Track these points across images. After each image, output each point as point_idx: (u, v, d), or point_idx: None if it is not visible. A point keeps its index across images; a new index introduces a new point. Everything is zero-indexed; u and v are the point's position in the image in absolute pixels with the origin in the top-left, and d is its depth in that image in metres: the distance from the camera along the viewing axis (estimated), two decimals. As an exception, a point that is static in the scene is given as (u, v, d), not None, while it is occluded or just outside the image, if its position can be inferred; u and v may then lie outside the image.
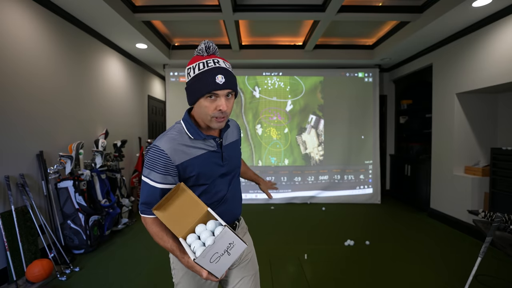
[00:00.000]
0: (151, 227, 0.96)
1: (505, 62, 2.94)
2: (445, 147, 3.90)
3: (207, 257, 0.81)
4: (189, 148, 0.98)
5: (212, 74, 0.92)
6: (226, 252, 0.84)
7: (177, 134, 0.99)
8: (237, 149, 1.18)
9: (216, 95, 0.93)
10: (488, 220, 2.13)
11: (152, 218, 0.96)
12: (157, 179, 0.94)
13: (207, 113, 0.95)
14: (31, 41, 2.64)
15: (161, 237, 0.94)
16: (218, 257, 0.83)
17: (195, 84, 0.94)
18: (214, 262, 0.82)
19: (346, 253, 2.93)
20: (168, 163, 0.94)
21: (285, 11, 3.43)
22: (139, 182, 4.54)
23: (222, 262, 0.84)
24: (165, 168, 0.93)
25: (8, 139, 2.40)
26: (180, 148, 0.96)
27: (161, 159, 0.93)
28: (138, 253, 2.93)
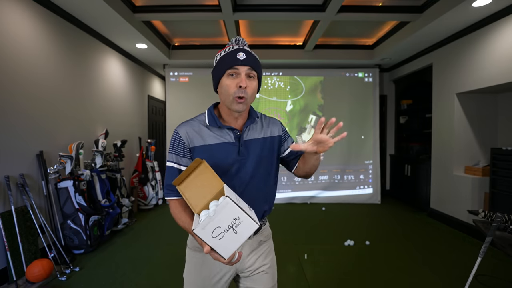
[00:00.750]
0: (172, 209, 0.98)
1: (505, 62, 2.94)
2: (445, 147, 3.90)
3: (207, 229, 0.76)
4: (205, 135, 1.00)
5: (234, 52, 0.96)
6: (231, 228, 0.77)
7: (197, 121, 1.03)
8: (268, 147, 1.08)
9: (237, 72, 0.95)
10: (488, 220, 2.13)
11: (174, 200, 0.98)
12: (175, 160, 0.99)
13: (229, 92, 0.95)
14: (31, 41, 2.64)
15: (179, 218, 0.95)
16: (221, 233, 0.77)
17: (218, 65, 0.98)
18: (217, 238, 0.77)
19: (346, 253, 2.93)
20: (183, 145, 0.99)
21: (285, 11, 3.43)
22: (139, 182, 4.54)
23: (228, 240, 0.77)
24: (180, 150, 0.99)
25: (8, 139, 2.40)
26: (195, 133, 1.00)
27: (177, 142, 0.99)
28: (138, 253, 2.93)
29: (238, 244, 0.79)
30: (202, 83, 5.08)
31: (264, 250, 1.10)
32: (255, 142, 1.05)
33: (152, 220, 4.12)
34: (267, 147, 1.08)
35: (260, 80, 1.04)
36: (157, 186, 4.71)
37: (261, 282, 1.06)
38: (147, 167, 4.64)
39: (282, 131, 1.14)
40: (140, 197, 4.55)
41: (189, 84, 5.12)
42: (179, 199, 0.97)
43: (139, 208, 4.57)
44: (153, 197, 4.61)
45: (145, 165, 4.64)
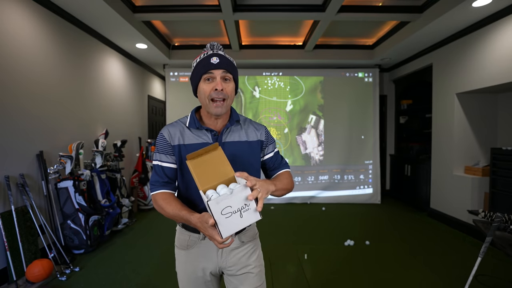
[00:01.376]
0: (158, 201, 1.01)
1: (505, 61, 2.94)
2: (445, 147, 3.90)
3: (220, 205, 0.80)
4: (185, 135, 1.06)
5: (208, 57, 1.00)
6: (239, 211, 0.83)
7: (180, 122, 1.09)
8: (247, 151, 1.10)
9: (213, 77, 0.99)
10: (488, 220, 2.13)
11: (159, 192, 1.03)
12: (159, 158, 1.05)
13: (205, 96, 1.00)
14: (30, 41, 2.64)
15: (166, 207, 0.97)
16: (230, 213, 0.82)
17: (194, 71, 1.04)
18: (224, 216, 0.81)
19: (346, 253, 2.93)
20: (165, 144, 1.05)
21: (285, 11, 3.43)
22: (139, 182, 4.54)
23: (232, 221, 0.82)
24: (163, 148, 1.05)
25: (8, 139, 2.40)
26: (176, 133, 1.05)
27: (160, 141, 1.06)
28: (138, 253, 2.93)
29: (238, 227, 0.83)
30: (202, 83, 5.06)
31: (248, 250, 1.11)
32: (234, 145, 1.08)
33: (152, 220, 4.12)
34: (247, 151, 1.10)
35: (237, 82, 1.09)
36: (157, 186, 4.70)
37: (247, 282, 1.09)
38: (147, 167, 4.64)
39: (264, 136, 1.16)
40: (140, 197, 4.55)
41: (189, 84, 5.12)
42: (164, 192, 1.03)
43: (139, 208, 4.57)
44: (153, 197, 4.61)
45: (145, 165, 4.64)
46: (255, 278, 1.10)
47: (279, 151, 1.25)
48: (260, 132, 1.15)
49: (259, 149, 1.15)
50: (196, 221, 0.87)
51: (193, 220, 0.89)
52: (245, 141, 1.10)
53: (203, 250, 1.08)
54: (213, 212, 0.80)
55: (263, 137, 1.15)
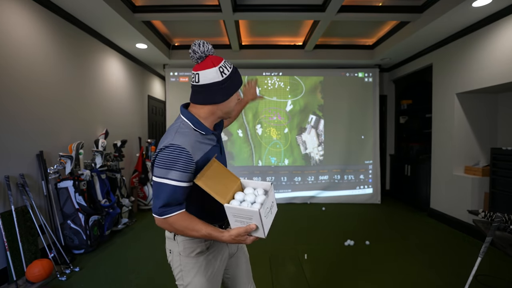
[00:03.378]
0: (180, 223, 0.94)
1: (505, 62, 2.94)
2: (445, 147, 3.90)
3: (264, 208, 0.91)
4: (201, 144, 1.02)
5: (239, 72, 1.10)
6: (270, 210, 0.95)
7: (188, 130, 1.01)
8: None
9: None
10: (488, 220, 2.13)
11: (179, 214, 0.95)
12: (179, 177, 0.93)
13: (232, 105, 1.08)
14: (30, 41, 2.64)
15: (193, 228, 0.94)
16: (267, 213, 0.93)
17: (231, 82, 1.04)
18: (265, 217, 0.92)
19: (346, 253, 2.93)
20: (189, 159, 0.94)
21: (285, 11, 3.43)
22: (139, 182, 4.54)
23: (267, 219, 0.94)
24: (186, 166, 0.94)
25: (8, 139, 2.40)
26: (196, 145, 0.99)
27: (181, 156, 0.93)
28: (138, 253, 2.93)
29: (270, 223, 0.96)
30: (202, 83, 5.07)
31: None
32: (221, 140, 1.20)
33: (152, 220, 4.12)
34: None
35: None
36: (157, 186, 4.70)
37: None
38: (147, 167, 4.64)
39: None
40: (140, 197, 4.55)
41: (189, 84, 5.12)
42: (184, 212, 0.96)
43: (139, 208, 4.57)
44: (153, 197, 4.61)
45: (145, 165, 4.64)
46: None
47: None
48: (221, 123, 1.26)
49: None
50: (230, 239, 0.92)
51: (225, 238, 0.92)
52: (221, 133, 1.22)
53: (218, 246, 1.13)
54: (262, 217, 0.89)
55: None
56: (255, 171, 5.12)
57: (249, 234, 0.93)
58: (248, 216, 0.89)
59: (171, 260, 1.11)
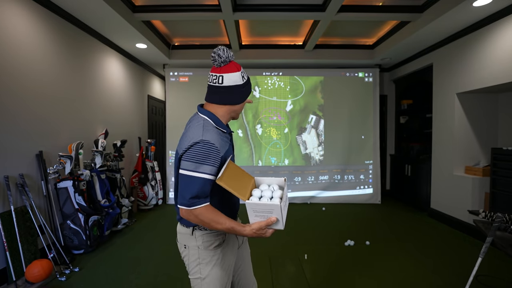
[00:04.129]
0: (207, 215, 1.00)
1: (506, 61, 2.94)
2: (446, 147, 3.90)
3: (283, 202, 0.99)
4: (223, 141, 1.10)
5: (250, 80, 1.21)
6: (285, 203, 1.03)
7: (212, 128, 1.08)
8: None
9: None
10: (488, 220, 2.12)
11: (205, 206, 1.01)
12: (209, 171, 1.00)
13: (242, 108, 1.20)
14: (30, 41, 2.63)
15: (218, 220, 1.00)
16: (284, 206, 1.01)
17: (248, 86, 1.17)
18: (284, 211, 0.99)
19: (346, 253, 2.93)
20: (218, 155, 1.03)
21: (285, 11, 3.43)
22: (139, 182, 4.54)
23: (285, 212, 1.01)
24: (216, 160, 1.02)
25: (8, 139, 2.40)
26: (220, 141, 1.07)
27: (212, 151, 1.01)
28: (137, 254, 2.93)
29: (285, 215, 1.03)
30: (202, 83, 5.07)
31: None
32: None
33: (152, 220, 4.11)
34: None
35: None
36: (157, 186, 4.70)
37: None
38: (147, 167, 4.64)
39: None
40: (140, 197, 4.55)
41: (189, 84, 5.12)
42: (208, 204, 1.02)
43: (139, 208, 4.56)
44: (153, 197, 4.61)
45: (145, 165, 4.63)
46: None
47: None
48: None
49: None
50: (251, 233, 1.01)
51: (247, 232, 1.01)
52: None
53: (232, 238, 1.21)
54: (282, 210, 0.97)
55: None
56: (255, 171, 5.12)
57: (269, 228, 1.03)
58: (269, 210, 0.97)
59: (186, 254, 1.16)
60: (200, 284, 1.13)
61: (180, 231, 1.17)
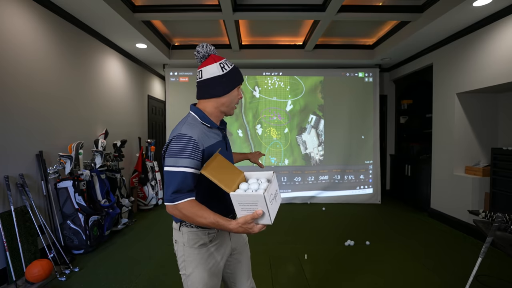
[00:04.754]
0: (189, 209, 0.99)
1: (506, 62, 2.94)
2: (446, 147, 3.90)
3: (268, 193, 0.93)
4: (207, 136, 1.10)
5: (238, 69, 1.18)
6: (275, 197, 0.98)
7: (195, 122, 1.10)
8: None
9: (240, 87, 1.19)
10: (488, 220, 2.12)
11: (189, 200, 1.00)
12: (188, 164, 1.00)
13: (234, 101, 1.17)
14: (30, 41, 2.63)
15: (201, 215, 0.98)
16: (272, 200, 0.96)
17: (231, 76, 1.14)
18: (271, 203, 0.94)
19: (346, 253, 2.93)
20: (196, 147, 1.03)
21: (285, 11, 3.43)
22: (139, 182, 4.54)
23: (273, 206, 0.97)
24: (193, 153, 1.02)
25: (8, 139, 2.40)
26: (202, 135, 1.07)
27: (189, 144, 1.01)
28: (137, 254, 2.93)
29: (275, 211, 0.99)
30: (202, 83, 5.07)
31: None
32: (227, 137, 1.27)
33: (152, 220, 4.11)
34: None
35: None
36: (157, 186, 4.70)
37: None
38: (147, 167, 4.64)
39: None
40: (140, 197, 4.55)
41: (189, 84, 5.12)
42: (193, 199, 1.01)
43: (138, 208, 4.56)
44: (153, 197, 4.61)
45: (145, 165, 4.63)
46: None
47: None
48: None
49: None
50: (237, 227, 0.95)
51: (232, 226, 0.95)
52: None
53: (220, 239, 1.17)
54: (267, 201, 0.91)
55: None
56: (255, 171, 5.11)
57: (256, 222, 0.96)
58: (253, 202, 0.92)
59: (176, 249, 1.17)
60: (186, 280, 1.13)
61: (173, 226, 1.19)
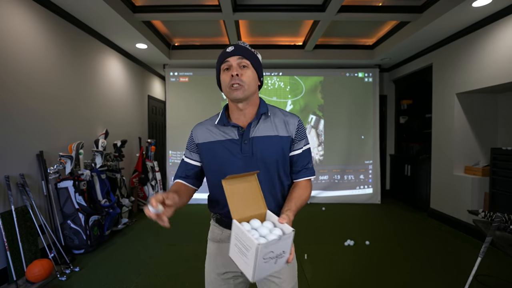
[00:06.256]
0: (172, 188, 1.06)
1: (505, 62, 2.94)
2: (445, 147, 3.90)
3: (267, 250, 0.75)
4: (213, 132, 1.07)
5: (225, 49, 1.04)
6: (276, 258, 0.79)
7: (210, 120, 1.12)
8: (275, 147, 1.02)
9: (229, 65, 1.00)
10: (488, 220, 2.13)
11: (176, 182, 1.11)
12: (186, 154, 1.13)
13: (226, 85, 1.01)
14: (30, 41, 2.64)
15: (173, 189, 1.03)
16: (269, 258, 0.77)
17: (216, 66, 1.07)
18: (264, 260, 0.76)
19: (346, 253, 2.93)
20: (191, 141, 1.12)
21: (285, 11, 3.43)
22: (139, 182, 4.54)
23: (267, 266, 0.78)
24: (190, 145, 1.12)
25: (8, 139, 2.40)
26: (204, 131, 1.08)
27: (189, 138, 1.14)
28: (138, 253, 2.93)
29: (268, 272, 0.79)
30: (202, 83, 5.08)
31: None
32: (261, 140, 1.01)
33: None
34: (275, 147, 1.02)
35: (258, 70, 1.05)
36: (157, 186, 4.70)
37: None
38: (147, 167, 4.64)
39: (295, 132, 1.05)
40: (140, 197, 4.55)
41: (189, 84, 5.12)
42: (178, 181, 1.11)
43: (139, 208, 4.57)
44: (153, 197, 4.61)
45: (145, 165, 4.64)
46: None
47: (308, 149, 1.09)
48: (291, 126, 1.05)
49: (288, 146, 1.04)
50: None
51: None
52: (275, 135, 1.03)
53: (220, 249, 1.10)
54: (258, 256, 0.74)
55: (293, 133, 1.05)
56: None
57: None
58: (246, 246, 0.77)
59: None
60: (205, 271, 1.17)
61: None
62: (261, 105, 1.07)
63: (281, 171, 1.04)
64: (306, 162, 1.07)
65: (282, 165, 1.04)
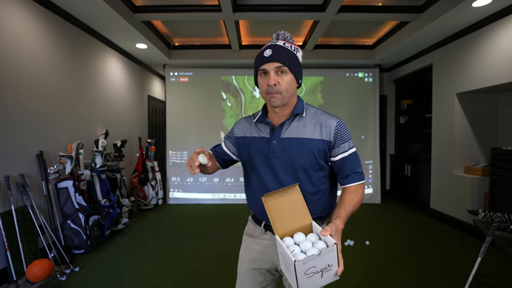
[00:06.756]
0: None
1: (505, 62, 2.94)
2: (445, 147, 3.90)
3: (306, 266, 0.75)
4: (250, 128, 1.11)
5: (262, 51, 0.98)
6: (321, 272, 0.79)
7: (253, 115, 1.16)
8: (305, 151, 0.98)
9: (266, 71, 0.96)
10: (488, 220, 2.13)
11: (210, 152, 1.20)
12: (224, 139, 1.23)
13: (262, 90, 0.99)
14: (31, 41, 2.64)
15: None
16: (312, 273, 0.77)
17: (254, 65, 1.03)
18: (307, 276, 0.76)
19: (346, 253, 2.93)
20: (231, 132, 1.20)
21: (285, 11, 3.43)
22: (139, 182, 4.54)
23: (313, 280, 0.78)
24: (229, 134, 1.20)
25: (8, 139, 2.40)
26: (244, 125, 1.14)
27: (231, 128, 1.21)
28: (138, 253, 2.93)
29: (317, 286, 0.79)
30: (202, 83, 5.08)
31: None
32: (290, 141, 0.99)
33: (152, 220, 4.12)
34: (304, 149, 0.98)
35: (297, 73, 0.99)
36: (157, 186, 4.71)
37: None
38: (147, 167, 4.64)
39: (333, 135, 0.98)
40: (140, 197, 4.55)
41: (189, 84, 5.12)
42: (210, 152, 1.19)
43: (139, 208, 4.57)
44: (153, 197, 4.61)
45: (145, 165, 4.64)
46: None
47: (354, 152, 1.01)
48: (327, 129, 0.98)
49: (323, 150, 0.99)
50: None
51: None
52: (305, 138, 0.98)
53: (264, 245, 1.09)
54: (297, 272, 0.75)
55: (330, 137, 0.98)
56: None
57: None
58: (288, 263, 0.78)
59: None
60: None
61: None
62: (298, 104, 1.04)
63: (310, 175, 1.01)
64: (355, 166, 1.00)
65: (311, 169, 1.00)
